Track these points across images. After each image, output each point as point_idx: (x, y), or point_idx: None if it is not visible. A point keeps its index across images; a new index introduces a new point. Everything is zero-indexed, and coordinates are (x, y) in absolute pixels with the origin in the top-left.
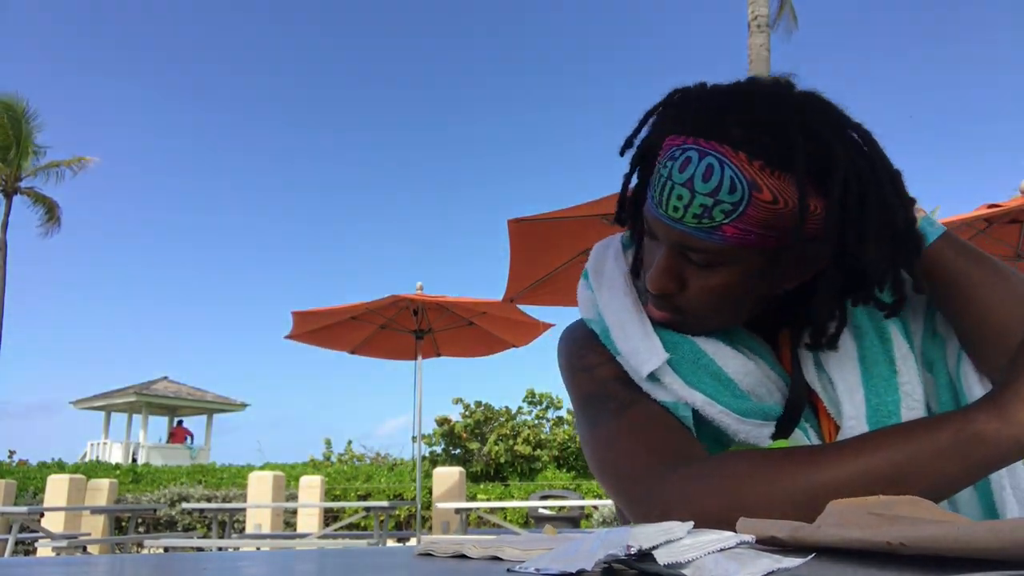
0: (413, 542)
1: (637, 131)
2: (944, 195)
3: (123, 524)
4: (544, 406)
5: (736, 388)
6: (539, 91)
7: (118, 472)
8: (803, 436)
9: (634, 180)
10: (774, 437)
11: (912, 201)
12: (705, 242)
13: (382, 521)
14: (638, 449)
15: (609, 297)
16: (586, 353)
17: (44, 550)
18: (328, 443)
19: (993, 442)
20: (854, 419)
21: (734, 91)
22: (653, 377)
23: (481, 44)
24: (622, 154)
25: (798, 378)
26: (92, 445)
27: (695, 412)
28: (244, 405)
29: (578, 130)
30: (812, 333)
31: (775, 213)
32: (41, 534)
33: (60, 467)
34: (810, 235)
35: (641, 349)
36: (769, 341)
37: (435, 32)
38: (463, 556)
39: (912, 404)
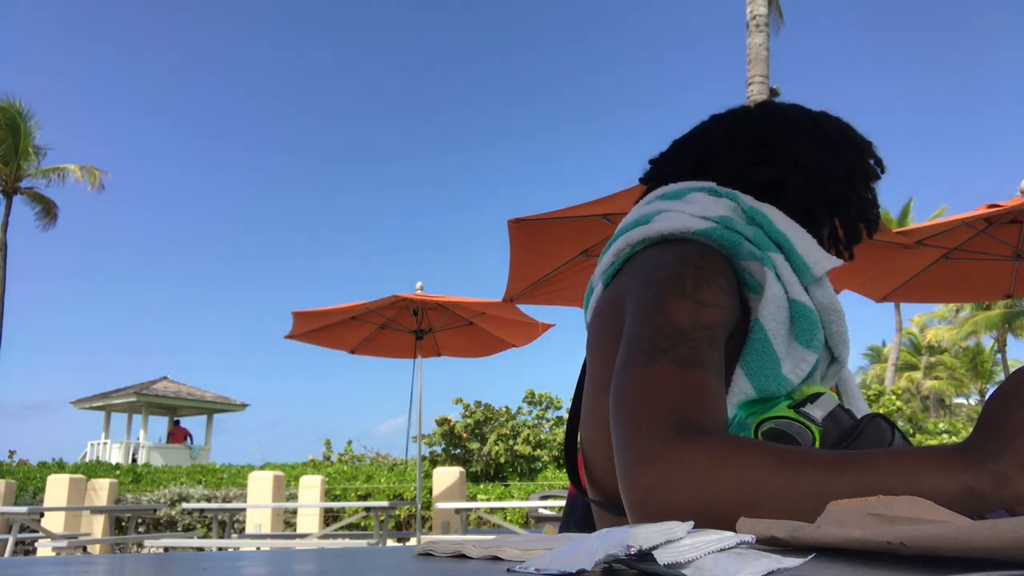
0: (413, 542)
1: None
2: (945, 195)
3: (123, 524)
4: (544, 406)
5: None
6: (539, 92)
7: (118, 472)
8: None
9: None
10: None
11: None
12: None
13: (382, 521)
14: (675, 401)
15: (776, 214)
16: (703, 284)
17: (44, 550)
18: (328, 443)
19: (989, 504)
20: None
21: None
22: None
23: (480, 45)
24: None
25: None
26: (92, 445)
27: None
28: (244, 405)
29: (578, 130)
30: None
31: None
32: (41, 534)
33: (60, 467)
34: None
35: (819, 251)
36: None
37: (434, 34)
38: (463, 556)
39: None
